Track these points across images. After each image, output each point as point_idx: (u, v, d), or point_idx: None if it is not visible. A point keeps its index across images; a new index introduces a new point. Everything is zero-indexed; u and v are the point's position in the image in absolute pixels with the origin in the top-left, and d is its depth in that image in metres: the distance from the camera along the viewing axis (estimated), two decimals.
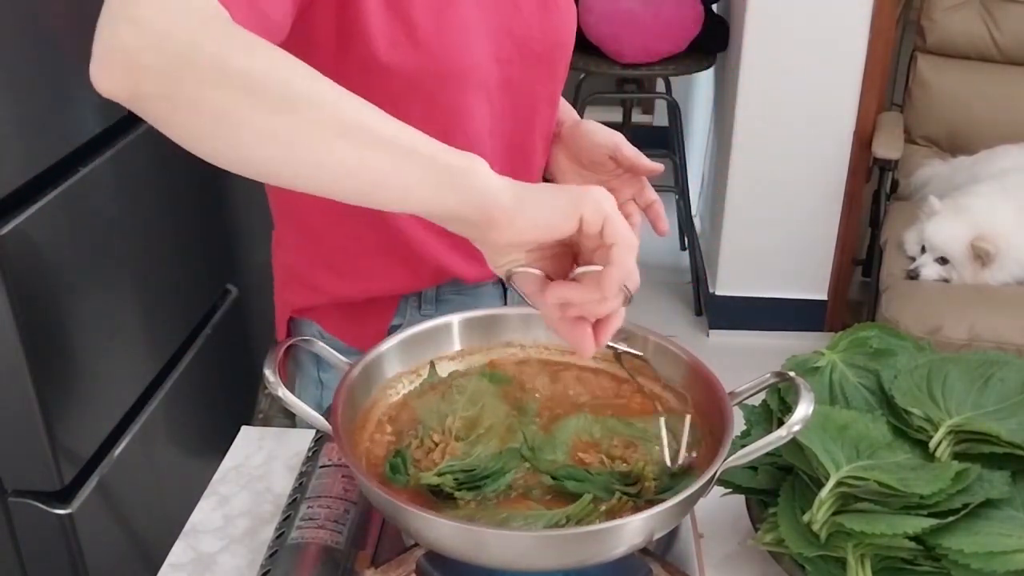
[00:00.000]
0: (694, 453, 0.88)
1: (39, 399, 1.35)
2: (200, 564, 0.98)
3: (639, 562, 0.89)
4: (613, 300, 0.75)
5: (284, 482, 1.08)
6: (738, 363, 0.98)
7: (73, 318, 1.44)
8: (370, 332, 1.15)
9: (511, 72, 1.07)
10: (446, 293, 1.20)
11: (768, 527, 0.93)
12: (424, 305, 1.19)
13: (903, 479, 0.86)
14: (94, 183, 1.46)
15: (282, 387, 0.85)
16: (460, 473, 0.85)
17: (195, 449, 1.80)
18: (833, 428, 0.92)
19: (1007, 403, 0.96)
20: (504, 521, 0.81)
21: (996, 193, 2.58)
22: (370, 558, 0.92)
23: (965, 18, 2.92)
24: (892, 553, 0.86)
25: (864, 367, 1.02)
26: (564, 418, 0.93)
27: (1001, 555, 0.82)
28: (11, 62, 1.28)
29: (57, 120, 1.39)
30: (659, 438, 0.90)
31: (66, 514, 1.43)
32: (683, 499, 0.78)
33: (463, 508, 0.83)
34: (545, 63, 1.09)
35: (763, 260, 3.12)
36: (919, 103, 3.02)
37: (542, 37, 1.08)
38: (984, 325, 2.35)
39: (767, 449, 0.83)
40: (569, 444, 0.90)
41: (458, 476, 0.85)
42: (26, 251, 1.32)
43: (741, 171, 3.02)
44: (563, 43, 1.11)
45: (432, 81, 0.99)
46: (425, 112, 0.94)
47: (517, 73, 1.07)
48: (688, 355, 0.96)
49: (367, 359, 0.94)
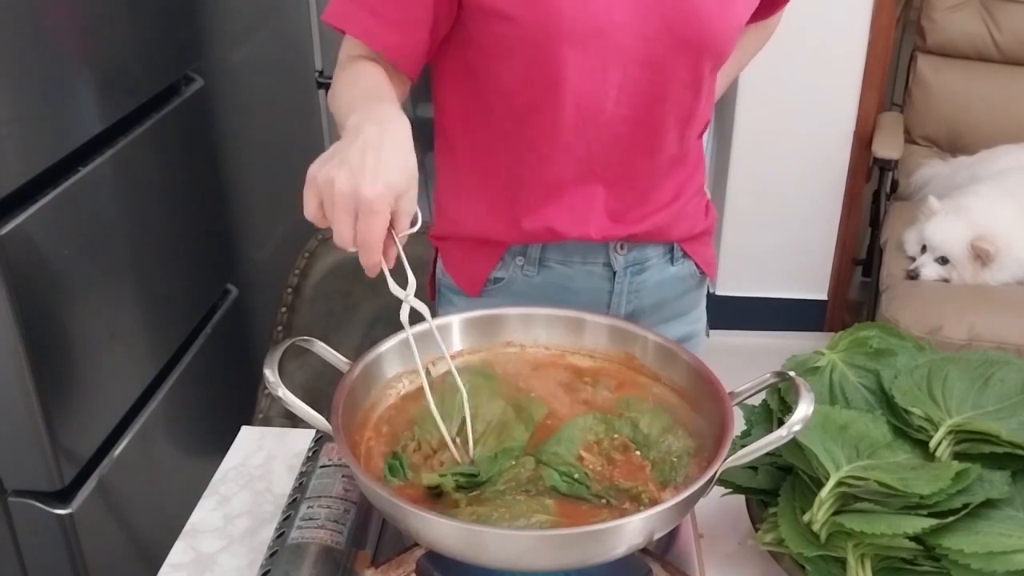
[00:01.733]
0: None
1: (39, 399, 1.35)
2: (200, 564, 0.98)
3: (639, 562, 0.89)
4: None
5: (284, 482, 1.08)
6: (738, 363, 0.98)
7: (73, 318, 1.44)
8: (473, 277, 1.21)
9: (654, 49, 1.07)
10: (551, 260, 1.20)
11: (768, 527, 0.93)
12: (528, 265, 1.20)
13: (903, 479, 0.86)
14: (94, 183, 1.46)
15: (282, 387, 0.85)
16: (461, 476, 0.85)
17: (195, 449, 1.80)
18: (833, 428, 0.92)
19: (1007, 403, 0.96)
20: (503, 518, 0.81)
21: (996, 193, 2.58)
22: (370, 558, 0.92)
23: (965, 18, 2.92)
24: (892, 553, 0.86)
25: (864, 367, 1.02)
26: (572, 418, 0.93)
27: (1001, 555, 0.82)
28: (11, 62, 1.28)
29: (57, 120, 1.39)
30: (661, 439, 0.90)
31: (66, 514, 1.43)
32: (683, 499, 0.78)
33: (462, 507, 0.83)
34: (691, 48, 1.08)
35: (763, 260, 3.12)
36: (919, 103, 3.02)
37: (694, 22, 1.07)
38: (984, 325, 2.35)
39: (767, 449, 0.83)
40: (575, 441, 0.90)
41: (459, 479, 0.85)
42: (26, 251, 1.32)
43: (741, 171, 3.02)
44: (713, 34, 1.09)
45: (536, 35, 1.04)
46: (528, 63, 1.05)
47: (660, 51, 1.07)
48: (688, 355, 0.96)
49: (367, 359, 0.94)
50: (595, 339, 1.02)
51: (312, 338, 0.96)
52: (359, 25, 1.05)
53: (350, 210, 0.81)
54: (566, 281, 1.20)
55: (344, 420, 0.86)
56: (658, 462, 0.89)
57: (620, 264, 1.20)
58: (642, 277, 1.22)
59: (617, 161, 1.13)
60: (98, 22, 1.48)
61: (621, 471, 0.88)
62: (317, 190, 0.83)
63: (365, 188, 0.80)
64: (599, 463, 0.89)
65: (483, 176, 1.17)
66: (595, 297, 1.21)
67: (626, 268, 1.21)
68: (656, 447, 0.90)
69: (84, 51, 1.46)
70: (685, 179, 1.22)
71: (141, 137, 1.58)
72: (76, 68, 1.43)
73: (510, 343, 1.02)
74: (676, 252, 1.24)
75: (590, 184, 1.14)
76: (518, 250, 1.20)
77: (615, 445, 0.91)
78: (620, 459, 0.89)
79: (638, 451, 0.90)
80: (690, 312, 1.30)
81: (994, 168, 2.72)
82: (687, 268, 1.26)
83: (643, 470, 0.88)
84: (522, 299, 1.19)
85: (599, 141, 1.11)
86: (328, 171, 0.82)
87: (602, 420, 0.93)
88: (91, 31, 1.47)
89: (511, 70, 1.08)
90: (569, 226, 1.15)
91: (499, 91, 1.10)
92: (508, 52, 1.07)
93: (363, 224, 0.81)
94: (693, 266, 1.26)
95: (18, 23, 1.29)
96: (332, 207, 0.81)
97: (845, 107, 2.93)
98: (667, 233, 1.21)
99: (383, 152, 0.83)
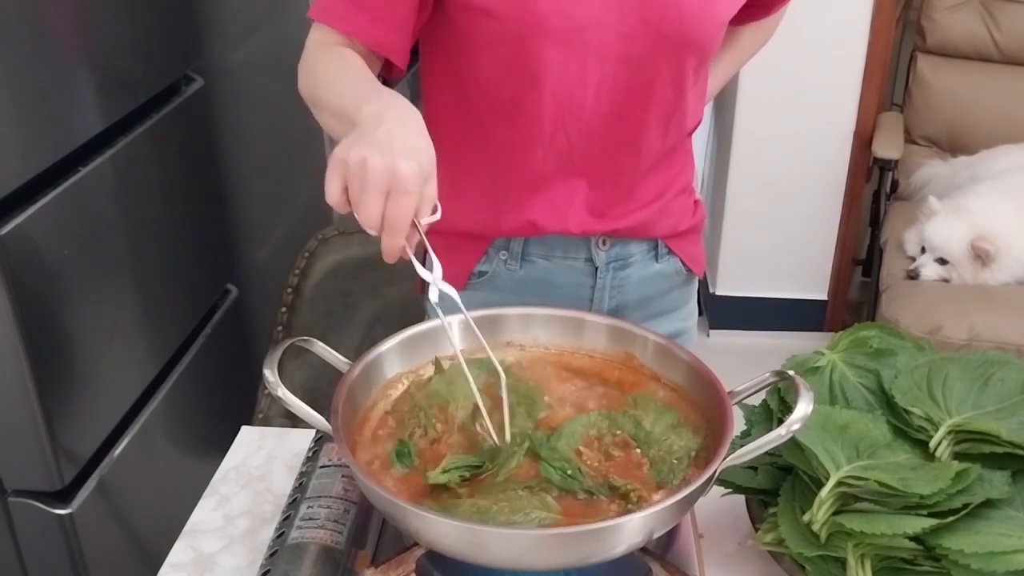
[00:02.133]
0: None
1: (39, 399, 1.35)
2: (200, 564, 0.98)
3: (639, 562, 0.89)
4: None
5: (284, 482, 1.08)
6: (738, 363, 0.98)
7: (73, 318, 1.44)
8: (458, 270, 1.20)
9: (634, 46, 1.07)
10: (533, 254, 1.20)
11: (768, 527, 0.93)
12: (511, 260, 1.20)
13: (903, 479, 0.86)
14: (94, 183, 1.46)
15: (282, 387, 0.85)
16: (465, 469, 0.86)
17: (195, 449, 1.80)
18: (833, 428, 0.92)
19: (1007, 403, 0.96)
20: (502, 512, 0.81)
21: (996, 193, 2.58)
22: (370, 558, 0.92)
23: (965, 18, 2.92)
24: (892, 553, 0.86)
25: (864, 367, 1.02)
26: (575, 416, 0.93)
27: (1001, 555, 0.82)
28: (11, 62, 1.28)
29: (57, 120, 1.39)
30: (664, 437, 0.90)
31: (66, 514, 1.43)
32: (683, 499, 0.78)
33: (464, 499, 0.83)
34: (672, 46, 1.09)
35: (763, 260, 3.12)
36: (919, 103, 3.02)
37: (675, 19, 1.07)
38: (984, 325, 2.35)
39: (767, 449, 0.83)
40: (576, 436, 0.90)
41: (463, 473, 0.85)
42: (26, 251, 1.32)
43: (741, 171, 3.02)
44: (694, 32, 1.09)
45: (517, 31, 1.05)
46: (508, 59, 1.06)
47: (640, 48, 1.08)
48: (688, 355, 0.96)
49: (367, 359, 0.94)
50: (595, 339, 1.02)
51: (312, 338, 0.96)
52: (348, 22, 1.05)
53: (383, 188, 0.80)
54: (548, 276, 1.20)
55: (344, 420, 0.86)
56: (657, 461, 0.89)
57: (602, 260, 1.20)
58: (625, 273, 1.23)
59: (598, 157, 1.14)
60: (98, 22, 1.48)
61: (617, 468, 0.88)
62: (343, 172, 0.82)
63: (400, 164, 0.80)
64: (596, 459, 0.89)
65: (468, 169, 1.17)
66: (577, 292, 1.22)
67: (608, 264, 1.21)
68: (658, 445, 0.90)
69: (84, 51, 1.46)
70: (671, 177, 1.22)
71: (141, 137, 1.58)
72: (76, 68, 1.43)
73: (510, 343, 1.02)
74: (660, 249, 1.24)
75: (571, 179, 1.14)
76: (501, 244, 1.20)
77: (615, 442, 0.91)
78: (619, 455, 0.89)
79: (638, 448, 0.90)
80: (678, 309, 1.30)
81: (994, 168, 2.72)
82: (672, 265, 1.26)
83: (640, 468, 0.88)
84: (505, 293, 1.20)
85: (580, 136, 1.12)
86: (359, 151, 0.82)
87: (606, 416, 0.93)
88: (91, 31, 1.47)
89: (492, 65, 1.09)
90: (549, 220, 1.16)
91: (480, 86, 1.11)
92: (489, 47, 1.08)
93: (393, 204, 0.81)
94: (679, 263, 1.26)
95: (18, 23, 1.29)
96: (363, 186, 0.81)
97: (845, 107, 2.93)
98: (650, 230, 1.22)
99: (410, 138, 0.84)
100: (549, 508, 0.83)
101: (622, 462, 0.89)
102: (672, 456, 0.89)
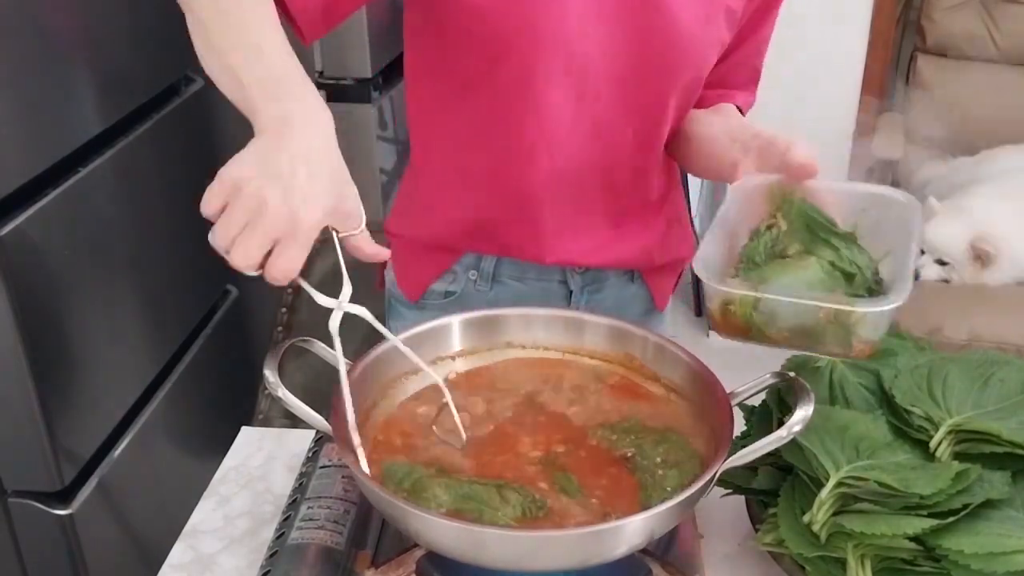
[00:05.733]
0: None
1: (39, 399, 1.35)
2: (200, 565, 0.98)
3: (639, 562, 0.89)
4: None
5: (284, 482, 1.08)
6: (738, 363, 0.98)
7: (73, 318, 1.43)
8: (416, 281, 1.19)
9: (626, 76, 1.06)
10: (505, 275, 1.19)
11: (768, 527, 0.93)
12: (480, 280, 1.19)
13: (903, 479, 0.86)
14: (94, 183, 1.46)
15: (282, 387, 0.85)
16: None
17: (195, 449, 1.80)
18: (833, 428, 0.92)
19: (1007, 403, 0.96)
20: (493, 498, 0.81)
21: (996, 194, 2.58)
22: (370, 558, 0.92)
23: (965, 18, 2.92)
24: (892, 553, 0.86)
25: (864, 367, 1.02)
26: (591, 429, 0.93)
27: (1001, 555, 0.82)
28: (11, 62, 1.28)
29: (57, 120, 1.39)
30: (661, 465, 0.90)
31: (66, 514, 1.43)
32: (683, 499, 0.78)
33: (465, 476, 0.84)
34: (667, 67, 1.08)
35: None
36: (919, 103, 3.02)
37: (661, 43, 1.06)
38: (984, 325, 2.35)
39: (767, 449, 0.83)
40: None
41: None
42: (26, 251, 1.32)
43: None
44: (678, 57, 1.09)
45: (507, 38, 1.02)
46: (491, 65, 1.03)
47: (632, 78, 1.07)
48: (688, 355, 0.96)
49: (367, 359, 0.94)
50: (595, 339, 1.02)
51: (312, 338, 0.96)
52: None
53: (274, 237, 0.72)
54: (520, 297, 1.19)
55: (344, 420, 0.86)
56: (647, 486, 0.86)
57: (577, 284, 1.20)
58: (600, 296, 1.22)
59: (577, 192, 1.12)
60: (98, 22, 1.48)
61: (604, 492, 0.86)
62: (229, 194, 0.73)
63: (302, 213, 0.72)
64: None
65: (448, 182, 1.16)
66: (551, 301, 1.20)
67: (583, 288, 1.20)
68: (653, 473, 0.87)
69: (84, 51, 1.45)
70: (657, 209, 1.20)
71: (141, 137, 1.57)
72: (76, 68, 1.43)
73: (510, 343, 1.02)
74: (635, 273, 1.24)
75: (552, 205, 1.12)
76: (471, 263, 1.19)
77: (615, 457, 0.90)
78: (611, 472, 0.88)
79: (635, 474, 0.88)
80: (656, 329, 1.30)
81: (994, 169, 2.72)
82: (646, 290, 1.26)
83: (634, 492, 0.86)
84: None
85: (563, 158, 1.10)
86: (258, 182, 0.72)
87: (610, 429, 0.92)
88: (91, 31, 1.47)
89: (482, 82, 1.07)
90: (522, 247, 1.15)
91: (467, 101, 1.09)
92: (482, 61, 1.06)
93: (283, 255, 0.72)
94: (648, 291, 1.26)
95: (18, 23, 1.29)
96: (252, 226, 0.71)
97: (845, 107, 2.93)
98: (625, 264, 1.21)
99: (316, 174, 0.75)
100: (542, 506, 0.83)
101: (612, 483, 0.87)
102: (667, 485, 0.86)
